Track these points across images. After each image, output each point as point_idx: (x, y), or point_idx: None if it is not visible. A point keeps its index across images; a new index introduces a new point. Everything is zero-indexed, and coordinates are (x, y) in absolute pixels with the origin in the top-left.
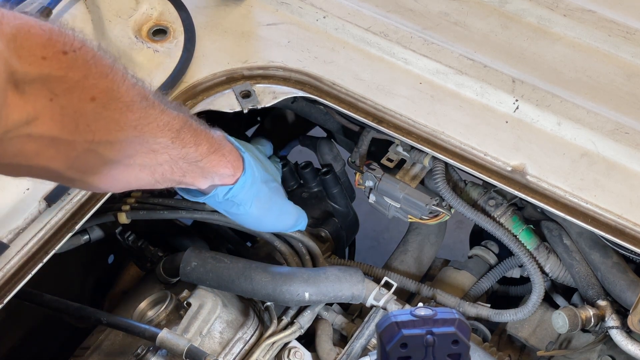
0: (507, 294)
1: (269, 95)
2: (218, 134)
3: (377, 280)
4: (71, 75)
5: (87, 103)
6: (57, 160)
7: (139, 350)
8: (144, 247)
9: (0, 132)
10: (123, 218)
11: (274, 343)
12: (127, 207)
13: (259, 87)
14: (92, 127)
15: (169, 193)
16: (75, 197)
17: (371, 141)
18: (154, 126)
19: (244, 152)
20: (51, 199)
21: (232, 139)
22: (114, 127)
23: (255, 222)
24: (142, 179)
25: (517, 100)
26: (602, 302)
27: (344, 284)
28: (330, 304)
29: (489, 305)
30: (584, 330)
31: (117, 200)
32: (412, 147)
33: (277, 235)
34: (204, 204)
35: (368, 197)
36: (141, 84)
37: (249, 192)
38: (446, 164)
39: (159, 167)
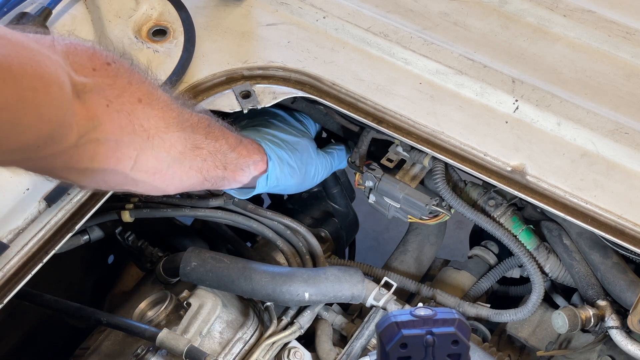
0: (507, 294)
1: (268, 96)
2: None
3: (377, 281)
4: (118, 82)
5: (136, 104)
6: (123, 161)
7: (139, 351)
8: (144, 247)
9: (76, 138)
10: (127, 216)
11: (273, 343)
12: (131, 206)
13: (258, 87)
14: (145, 126)
15: None
16: (75, 197)
17: (371, 141)
18: (190, 124)
19: (258, 139)
20: (51, 199)
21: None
22: (162, 124)
23: (300, 186)
24: (192, 177)
25: (517, 101)
26: (601, 302)
27: (343, 284)
28: (330, 304)
29: (489, 305)
30: (583, 330)
31: (120, 199)
32: (412, 147)
33: (279, 234)
34: (206, 201)
35: (368, 197)
36: (166, 88)
37: (283, 168)
38: (446, 164)
39: (204, 164)
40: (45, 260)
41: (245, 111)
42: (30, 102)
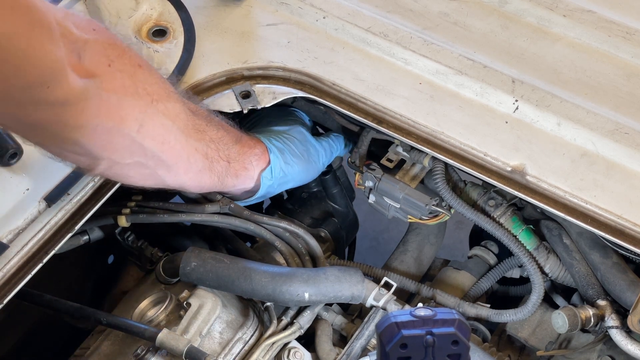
0: (507, 294)
1: (268, 96)
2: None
3: (376, 281)
4: (118, 43)
5: (137, 68)
6: (128, 121)
7: (138, 351)
8: (144, 247)
9: (80, 88)
10: (123, 221)
11: (273, 343)
12: (127, 211)
13: (258, 88)
14: (149, 90)
15: (168, 196)
16: (75, 197)
17: (371, 141)
18: (189, 106)
19: (255, 134)
20: (51, 199)
21: None
22: (164, 93)
23: (306, 172)
24: (199, 161)
25: (517, 101)
26: (601, 302)
27: (343, 284)
28: (330, 304)
29: (489, 305)
30: (583, 330)
31: (118, 203)
32: (412, 148)
33: (278, 236)
34: (203, 206)
35: (368, 197)
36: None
37: (286, 158)
38: (446, 164)
39: (209, 150)
40: (45, 261)
41: (245, 111)
42: (38, 36)
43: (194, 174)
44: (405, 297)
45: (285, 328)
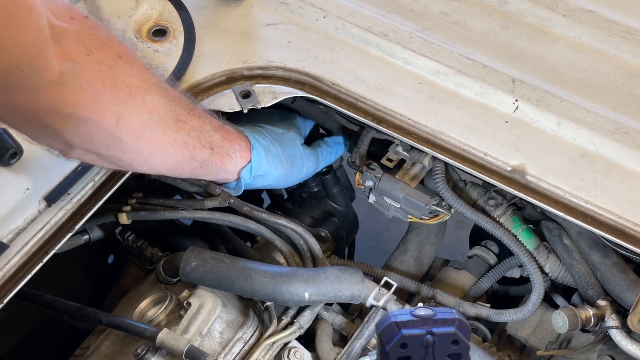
0: (507, 294)
1: (268, 95)
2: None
3: (377, 280)
4: (98, 33)
5: (117, 59)
6: (106, 115)
7: (138, 350)
8: (144, 247)
9: (57, 75)
10: (124, 219)
11: (273, 343)
12: (128, 208)
13: (258, 87)
14: (127, 83)
15: (169, 193)
16: (75, 197)
17: (371, 141)
18: (171, 95)
19: (240, 128)
20: (51, 199)
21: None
22: (143, 85)
23: (286, 178)
24: (179, 152)
25: (517, 100)
26: (601, 302)
27: (343, 284)
28: (330, 304)
29: (489, 305)
30: (583, 330)
31: (118, 201)
32: (412, 147)
33: (278, 235)
34: (203, 202)
35: (368, 197)
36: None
37: (268, 158)
38: (446, 164)
39: (189, 139)
40: (45, 260)
41: (245, 111)
42: (15, 19)
43: (172, 164)
44: (405, 296)
45: (285, 328)
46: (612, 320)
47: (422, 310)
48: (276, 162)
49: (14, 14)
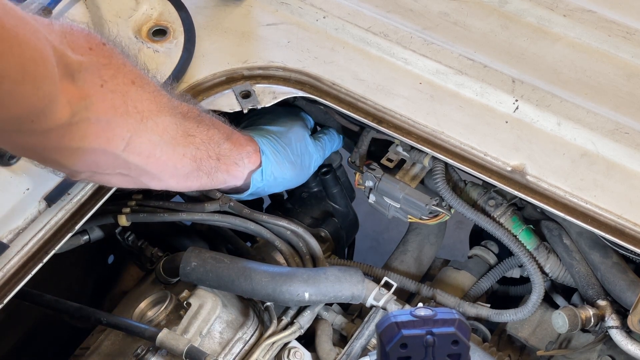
0: (507, 294)
1: (268, 96)
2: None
3: (377, 280)
4: (114, 62)
5: (130, 86)
6: (114, 141)
7: (138, 351)
8: (144, 247)
9: (68, 116)
10: (123, 221)
11: (273, 343)
12: (128, 210)
13: (258, 87)
14: (139, 108)
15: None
16: (75, 197)
17: (371, 141)
18: (180, 111)
19: (250, 133)
20: (51, 199)
21: None
22: (154, 108)
23: (297, 178)
24: (186, 165)
25: (517, 101)
26: (602, 302)
27: (344, 284)
28: (330, 304)
29: (489, 305)
30: (583, 330)
31: (118, 203)
32: (412, 147)
33: (278, 235)
34: (203, 205)
35: (368, 197)
36: (155, 79)
37: (279, 161)
38: (446, 164)
39: (197, 152)
40: (45, 260)
41: (245, 111)
42: (31, 74)
43: (180, 178)
44: (405, 297)
45: (285, 328)
46: (612, 320)
47: (422, 310)
48: (287, 165)
49: (31, 70)
